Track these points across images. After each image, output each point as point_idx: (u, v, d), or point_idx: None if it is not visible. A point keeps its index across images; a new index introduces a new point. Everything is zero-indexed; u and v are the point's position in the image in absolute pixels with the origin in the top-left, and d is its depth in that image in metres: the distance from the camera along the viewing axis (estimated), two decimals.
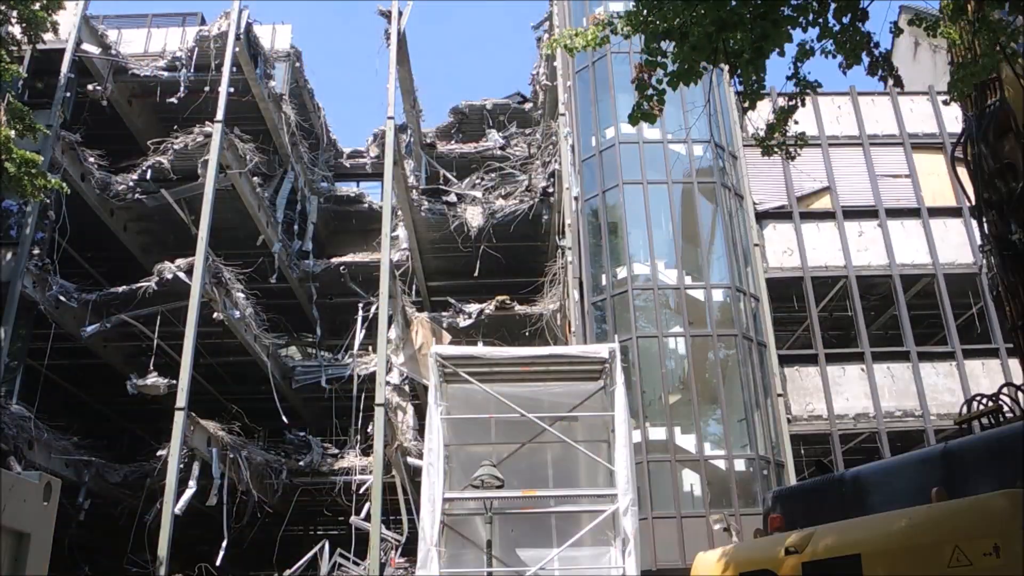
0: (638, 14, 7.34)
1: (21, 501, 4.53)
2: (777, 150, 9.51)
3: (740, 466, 16.97)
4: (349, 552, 20.61)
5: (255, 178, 22.73)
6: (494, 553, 10.77)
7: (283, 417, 22.90)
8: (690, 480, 16.80)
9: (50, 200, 17.77)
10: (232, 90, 21.32)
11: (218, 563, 19.88)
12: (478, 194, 24.82)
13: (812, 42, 8.16)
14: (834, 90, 21.32)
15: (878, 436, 18.29)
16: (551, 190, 22.90)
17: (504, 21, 77.77)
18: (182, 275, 19.29)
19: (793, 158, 9.80)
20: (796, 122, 9.12)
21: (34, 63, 19.24)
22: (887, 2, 10.89)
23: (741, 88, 7.70)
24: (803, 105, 8.91)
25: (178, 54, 22.35)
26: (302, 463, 22.67)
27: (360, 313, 24.55)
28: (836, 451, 18.16)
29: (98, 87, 21.04)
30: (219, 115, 20.50)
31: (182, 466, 17.69)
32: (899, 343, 19.32)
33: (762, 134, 9.52)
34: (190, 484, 18.24)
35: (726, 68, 7.67)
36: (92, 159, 20.64)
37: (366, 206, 27.80)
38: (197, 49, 21.99)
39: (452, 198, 24.69)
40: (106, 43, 21.78)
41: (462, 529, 11.26)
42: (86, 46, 20.84)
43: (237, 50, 21.47)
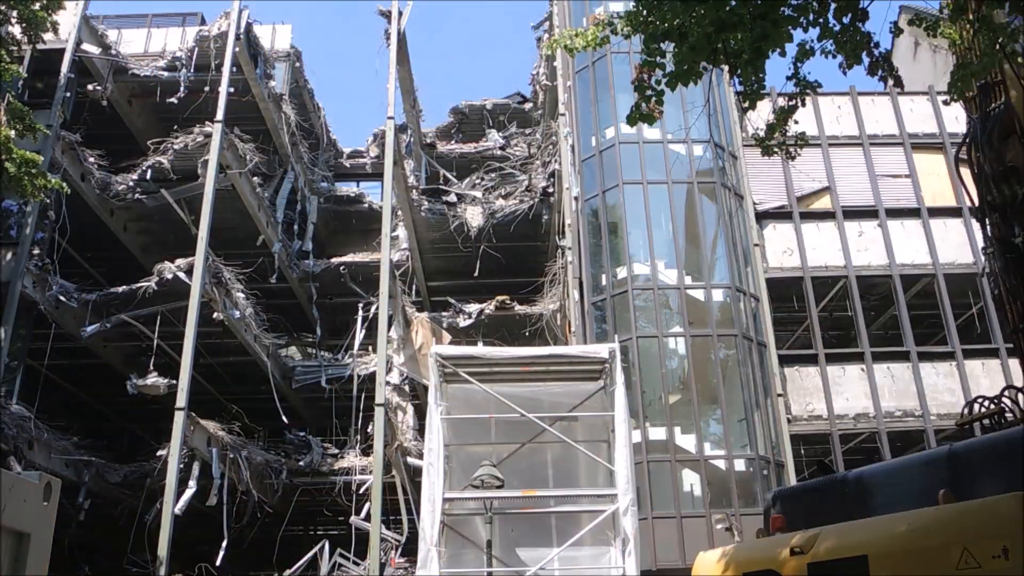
0: (638, 14, 7.35)
1: (21, 501, 4.52)
2: (777, 150, 9.51)
3: (740, 466, 16.96)
4: (349, 552, 20.61)
5: (255, 178, 22.73)
6: (494, 553, 10.77)
7: (283, 417, 22.90)
8: (690, 480, 16.79)
9: (50, 200, 17.77)
10: (232, 90, 21.32)
11: (218, 563, 19.88)
12: (478, 194, 24.81)
13: (812, 42, 8.16)
14: (834, 90, 21.32)
15: (878, 436, 18.29)
16: (551, 190, 22.90)
17: (504, 21, 77.80)
18: (182, 275, 19.29)
19: (793, 158, 9.81)
20: (796, 122, 9.12)
21: (34, 63, 19.24)
22: (887, 2, 10.90)
23: (741, 88, 7.71)
24: (803, 105, 8.91)
25: (178, 54, 22.35)
26: (302, 463, 22.67)
27: (360, 313, 24.54)
28: (836, 451, 18.16)
29: (98, 87, 21.04)
30: (219, 115, 20.49)
31: (182, 466, 17.68)
32: (899, 343, 19.32)
33: (762, 134, 9.52)
34: (190, 484, 18.24)
35: (726, 68, 7.67)
36: (92, 159, 20.63)
37: (366, 206, 27.80)
38: (197, 49, 21.99)
39: (452, 198, 24.67)
40: (106, 43, 21.77)
41: (462, 529, 11.26)
42: (86, 46, 20.84)
43: (237, 50, 21.46)
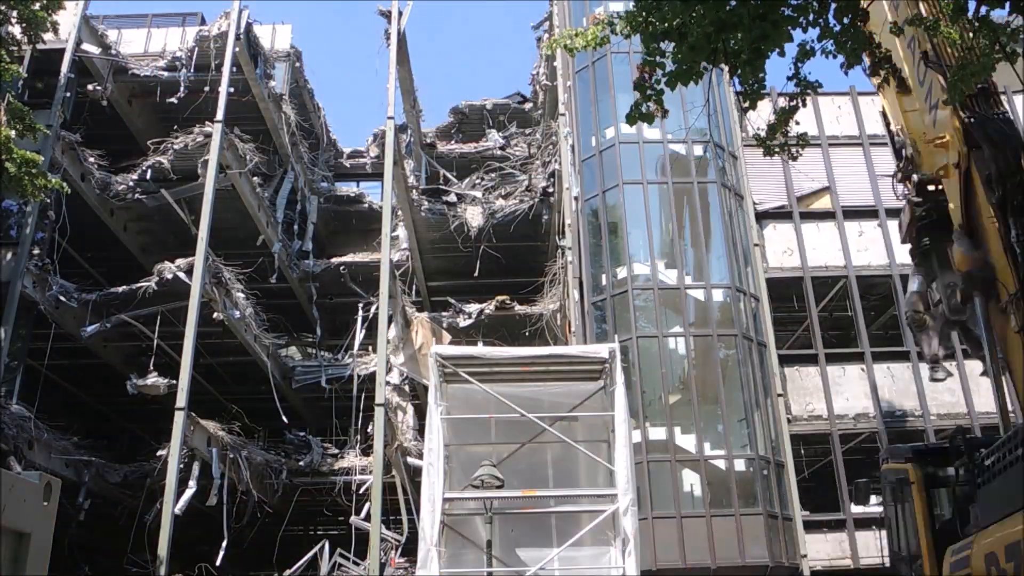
0: (638, 14, 7.35)
1: (21, 501, 4.53)
2: (778, 150, 9.52)
3: (740, 466, 16.96)
4: (349, 552, 20.61)
5: (255, 178, 22.72)
6: (494, 553, 10.77)
7: (283, 417, 22.89)
8: (690, 480, 16.79)
9: (50, 200, 17.76)
10: (232, 90, 21.31)
11: (218, 563, 19.88)
12: (478, 194, 24.80)
13: (812, 42, 8.17)
14: (834, 90, 21.30)
15: (878, 436, 18.29)
16: (551, 190, 22.89)
17: (504, 21, 77.73)
18: (182, 275, 19.28)
19: (795, 158, 9.82)
20: (797, 123, 9.13)
21: (34, 63, 19.22)
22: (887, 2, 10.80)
23: (741, 88, 7.72)
24: (804, 105, 8.93)
25: (178, 54, 22.33)
26: (302, 463, 22.66)
27: (360, 313, 24.53)
28: (836, 451, 18.16)
29: (98, 87, 21.02)
30: (219, 115, 20.48)
31: (182, 466, 17.68)
32: (899, 343, 19.30)
33: (762, 134, 9.53)
34: (190, 484, 18.23)
35: (725, 68, 7.68)
36: (92, 159, 20.62)
37: (366, 206, 27.78)
38: (197, 49, 21.97)
39: (452, 198, 24.66)
40: (106, 43, 21.76)
41: (462, 529, 11.26)
42: (86, 46, 20.83)
43: (237, 50, 21.45)
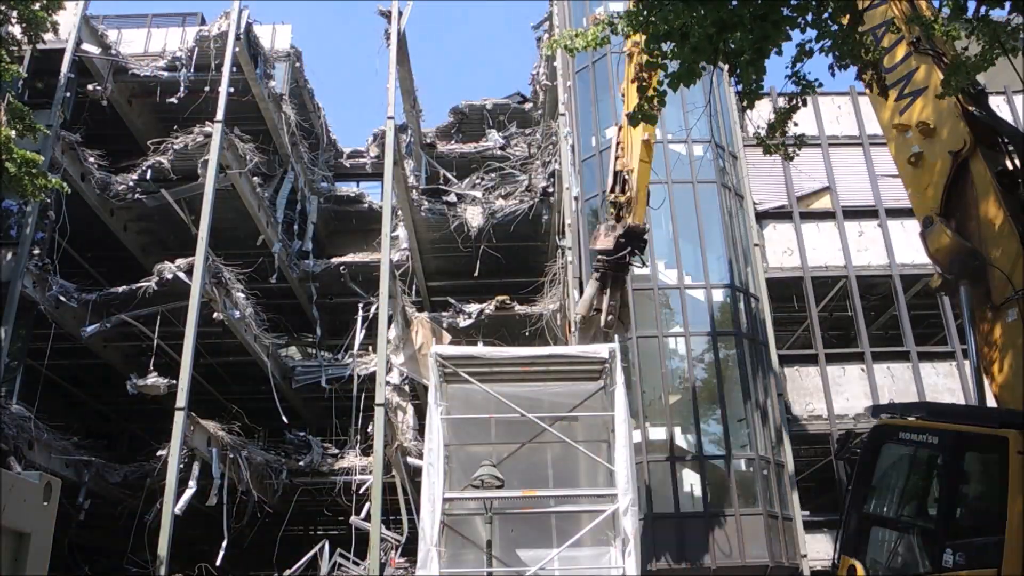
0: (638, 15, 7.35)
1: (21, 501, 4.53)
2: (777, 150, 9.53)
3: (740, 466, 16.95)
4: (349, 552, 20.60)
5: (255, 178, 22.70)
6: (494, 553, 10.78)
7: (283, 417, 22.87)
8: (690, 480, 16.78)
9: (50, 200, 17.75)
10: (232, 90, 21.28)
11: (218, 563, 19.87)
12: (478, 194, 24.78)
13: (811, 42, 8.18)
14: (834, 90, 21.31)
15: None
16: (551, 190, 22.88)
17: (504, 21, 77.79)
18: (182, 275, 19.26)
19: (792, 158, 9.83)
20: (796, 123, 9.13)
21: (34, 63, 19.21)
22: (888, 5, 10.83)
23: (741, 88, 7.72)
24: (804, 105, 8.93)
25: (178, 54, 22.31)
26: (302, 463, 22.65)
27: (360, 313, 24.51)
28: (836, 451, 18.15)
29: (98, 87, 21.01)
30: (219, 115, 20.46)
31: (182, 466, 17.66)
32: (899, 343, 19.31)
33: (763, 133, 9.54)
34: (190, 484, 18.22)
35: (725, 68, 7.68)
36: (92, 159, 20.60)
37: (366, 206, 27.77)
38: (197, 49, 21.96)
39: (452, 198, 24.65)
40: (106, 43, 21.74)
41: (462, 529, 11.26)
42: (86, 46, 20.82)
43: (237, 50, 21.43)
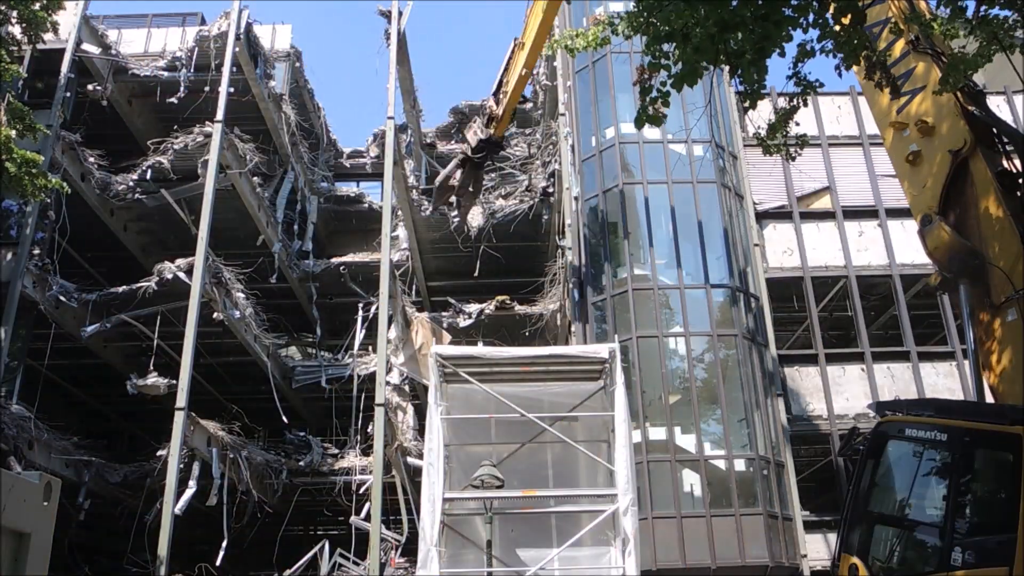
0: (639, 15, 7.34)
1: (21, 501, 4.53)
2: (778, 150, 9.53)
3: (740, 466, 16.94)
4: (349, 552, 20.60)
5: (255, 178, 22.69)
6: (494, 553, 10.78)
7: (283, 417, 22.87)
8: (690, 480, 16.77)
9: (50, 200, 17.75)
10: (232, 90, 21.28)
11: (218, 563, 19.87)
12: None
13: (812, 42, 8.19)
14: (834, 90, 21.27)
15: None
16: (551, 190, 22.87)
17: (504, 21, 77.74)
18: (182, 275, 19.26)
19: (793, 159, 9.83)
20: (797, 123, 9.14)
21: (34, 63, 19.21)
22: (887, 2, 10.85)
23: (742, 88, 7.72)
24: (804, 105, 8.94)
25: (178, 54, 22.30)
26: (302, 463, 22.65)
27: (360, 313, 24.51)
28: (836, 451, 18.14)
29: (98, 87, 21.00)
30: (219, 115, 20.45)
31: (182, 466, 17.66)
32: (899, 343, 19.30)
33: (763, 134, 9.54)
34: (190, 484, 18.22)
35: (726, 68, 7.68)
36: (92, 159, 20.60)
37: (366, 206, 27.76)
38: (197, 49, 21.94)
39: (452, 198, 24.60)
40: (106, 43, 21.73)
41: (462, 529, 11.26)
42: (86, 46, 20.81)
43: (237, 50, 21.43)
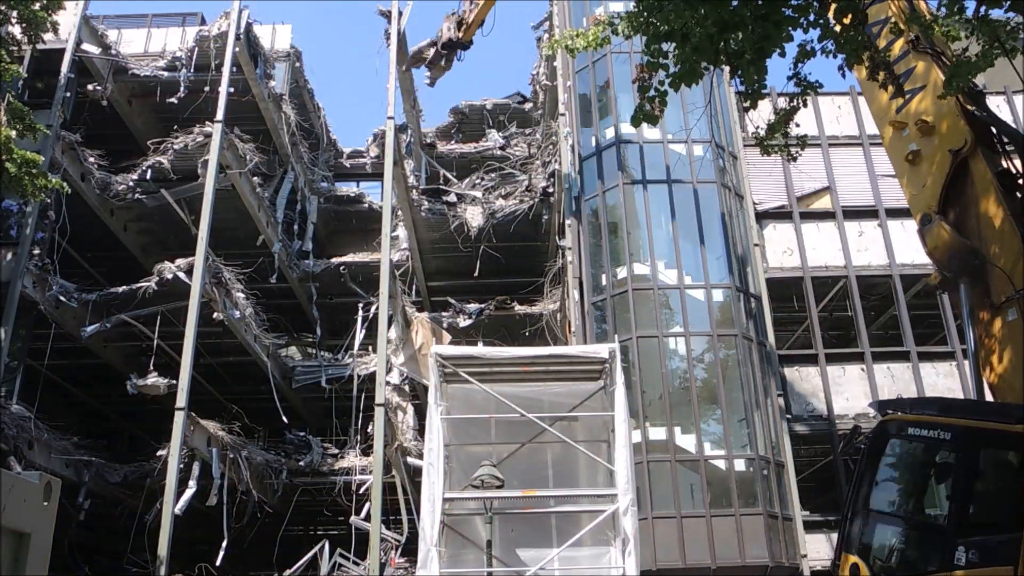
0: (639, 15, 7.34)
1: (21, 501, 4.53)
2: (778, 151, 9.53)
3: (740, 466, 16.93)
4: (349, 552, 20.60)
5: (255, 178, 22.70)
6: (494, 553, 10.77)
7: (283, 417, 22.88)
8: (690, 480, 16.77)
9: (50, 200, 17.75)
10: (232, 90, 21.28)
11: (218, 563, 19.87)
12: (478, 194, 24.76)
13: (812, 43, 8.19)
14: (834, 90, 21.27)
15: None
16: (551, 190, 22.86)
17: (504, 21, 77.69)
18: (182, 275, 19.26)
19: (794, 159, 9.83)
20: (798, 124, 9.14)
21: (34, 63, 19.20)
22: (887, 2, 10.87)
23: (742, 88, 7.72)
24: (804, 106, 8.94)
25: (178, 54, 22.30)
26: (302, 463, 22.65)
27: (360, 313, 24.52)
28: (836, 451, 18.15)
29: (98, 87, 21.00)
30: (219, 115, 20.45)
31: (182, 466, 17.66)
32: (899, 343, 19.30)
33: (763, 134, 9.54)
34: (190, 484, 18.22)
35: (726, 68, 7.68)
36: (92, 159, 20.60)
37: (366, 206, 27.77)
38: (197, 49, 21.95)
39: (452, 198, 24.63)
40: (106, 43, 21.73)
41: (462, 529, 11.26)
42: (86, 46, 20.80)
43: (237, 50, 21.43)
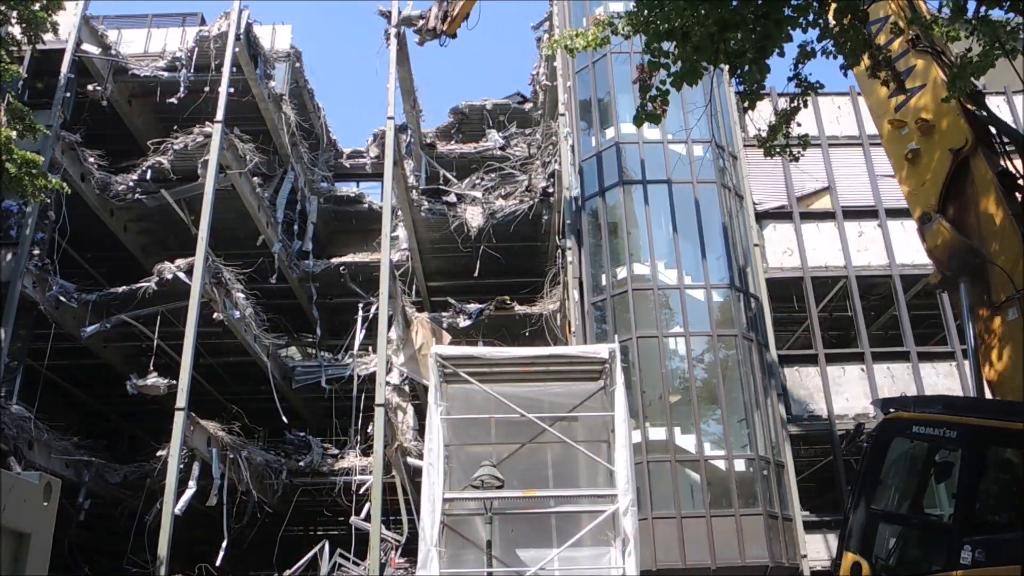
0: (639, 14, 7.34)
1: (21, 501, 4.53)
2: (780, 151, 9.53)
3: (740, 466, 16.94)
4: (349, 552, 20.60)
5: (255, 178, 22.70)
6: (494, 553, 10.77)
7: (283, 417, 22.88)
8: (690, 480, 16.77)
9: (50, 200, 17.74)
10: (232, 90, 21.28)
11: (218, 563, 19.87)
12: (478, 194, 24.77)
13: (812, 43, 8.18)
14: (834, 90, 21.27)
15: None
16: (551, 190, 22.86)
17: (504, 21, 77.65)
18: (182, 275, 19.26)
19: (797, 159, 9.83)
20: (799, 124, 9.13)
21: (34, 63, 19.20)
22: (886, 1, 10.87)
23: (742, 88, 7.71)
24: (805, 106, 8.93)
25: (178, 54, 22.29)
26: (302, 463, 22.65)
27: (360, 313, 24.53)
28: (836, 451, 18.15)
29: (98, 87, 20.99)
30: (219, 115, 20.46)
31: (182, 466, 17.66)
32: (899, 343, 19.30)
33: (763, 134, 9.54)
34: (190, 484, 18.22)
35: (726, 68, 7.67)
36: (92, 159, 20.59)
37: (366, 206, 27.78)
38: (197, 49, 21.94)
39: (452, 198, 24.63)
40: (106, 43, 21.72)
41: (462, 529, 11.26)
42: (86, 46, 20.80)
43: (237, 50, 21.43)
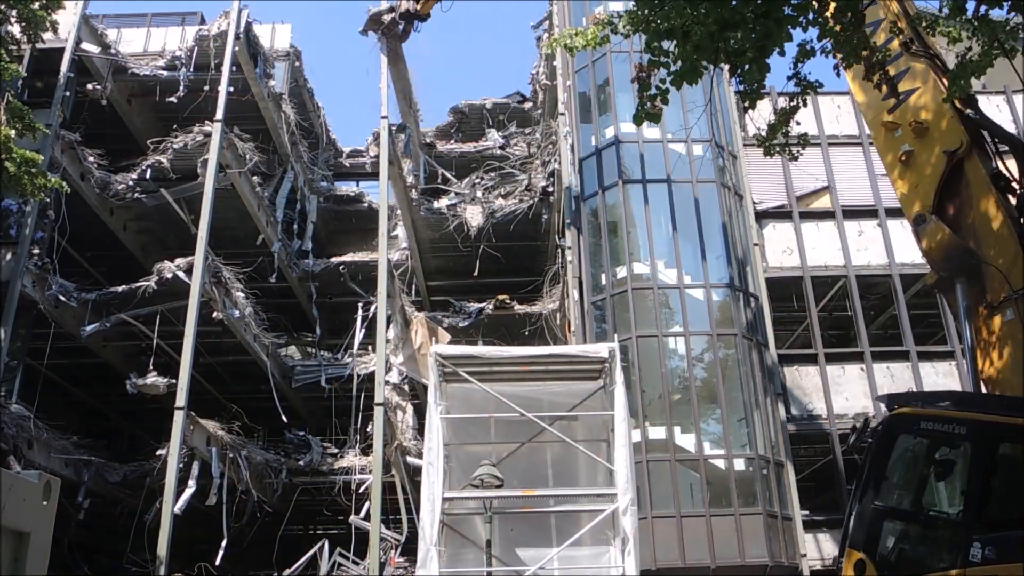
0: (639, 13, 7.33)
1: (20, 500, 4.52)
2: (779, 150, 9.53)
3: (740, 466, 16.93)
4: (349, 552, 20.60)
5: (255, 177, 22.70)
6: (494, 553, 10.77)
7: (283, 417, 22.88)
8: (690, 480, 16.78)
9: (50, 199, 17.74)
10: (232, 89, 21.28)
11: (218, 563, 19.87)
12: (478, 194, 24.77)
13: (812, 42, 8.18)
14: (834, 90, 21.23)
15: None
16: (551, 190, 22.86)
17: (504, 21, 77.78)
18: (182, 275, 19.26)
19: (796, 158, 9.83)
20: (799, 123, 9.13)
21: (34, 62, 19.19)
22: (884, 2, 10.88)
23: (742, 88, 7.71)
24: (804, 105, 8.93)
25: (178, 53, 22.29)
26: (302, 463, 22.65)
27: (360, 313, 24.53)
28: (836, 451, 18.16)
29: (98, 86, 20.98)
30: (219, 114, 20.46)
31: (182, 466, 17.67)
32: (899, 343, 19.30)
33: (763, 133, 9.54)
34: (190, 484, 18.23)
35: (726, 67, 7.67)
36: (92, 158, 20.58)
37: (366, 206, 27.79)
38: (197, 48, 21.94)
39: (452, 198, 24.63)
40: (106, 42, 21.72)
41: (462, 529, 11.25)
42: (86, 45, 20.79)
43: (237, 49, 21.43)
